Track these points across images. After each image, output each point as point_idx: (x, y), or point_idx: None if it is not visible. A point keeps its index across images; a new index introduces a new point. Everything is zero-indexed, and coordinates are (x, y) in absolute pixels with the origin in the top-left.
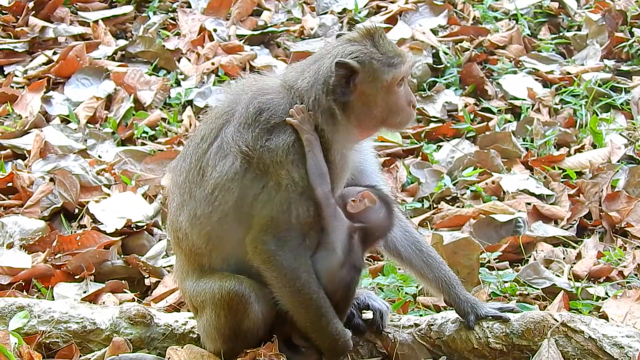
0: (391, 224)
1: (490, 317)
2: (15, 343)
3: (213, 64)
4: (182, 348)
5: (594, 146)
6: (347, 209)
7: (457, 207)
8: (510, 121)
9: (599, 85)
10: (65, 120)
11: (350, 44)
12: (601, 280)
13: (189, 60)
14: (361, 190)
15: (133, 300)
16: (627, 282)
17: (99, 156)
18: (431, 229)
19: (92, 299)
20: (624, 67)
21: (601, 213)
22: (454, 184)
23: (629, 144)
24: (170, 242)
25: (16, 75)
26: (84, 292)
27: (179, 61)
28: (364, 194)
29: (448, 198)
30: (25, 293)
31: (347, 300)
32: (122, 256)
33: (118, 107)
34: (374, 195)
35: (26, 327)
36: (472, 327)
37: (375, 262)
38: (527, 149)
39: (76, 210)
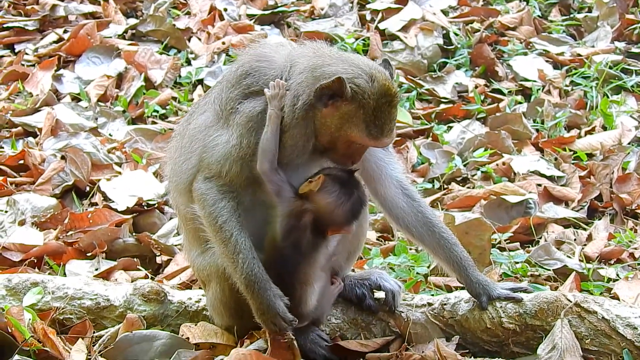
0: (344, 215)
1: (502, 298)
2: (29, 319)
3: (224, 43)
4: (195, 325)
5: (605, 128)
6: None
7: (468, 188)
8: (520, 102)
9: (610, 67)
10: (76, 98)
11: (364, 79)
12: (612, 262)
13: (200, 39)
14: (322, 172)
15: (146, 277)
16: (638, 264)
17: (110, 134)
18: (442, 209)
19: (104, 276)
20: (634, 49)
21: (612, 195)
22: (464, 165)
23: (639, 126)
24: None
25: (27, 54)
26: (96, 270)
27: (189, 40)
28: (320, 178)
29: (459, 179)
30: (37, 270)
31: (286, 281)
32: (133, 234)
33: (129, 85)
34: (327, 179)
35: (40, 303)
36: (484, 308)
37: (387, 242)
38: (537, 130)
39: (87, 188)
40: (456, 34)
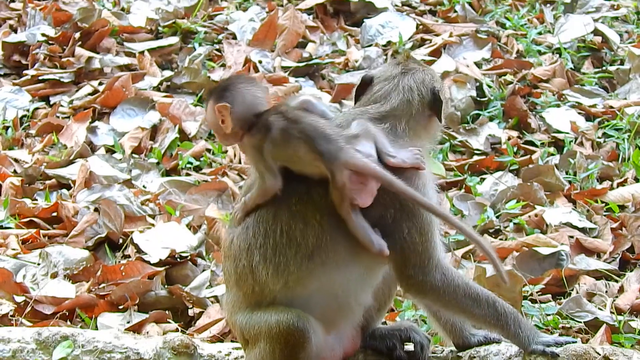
0: None
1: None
2: None
3: None
4: None
5: (637, 180)
6: None
7: (500, 239)
8: (553, 154)
9: None
10: (110, 150)
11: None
12: None
13: None
14: None
15: (177, 330)
16: None
17: (144, 186)
18: (474, 261)
19: (136, 329)
20: None
21: None
22: (497, 217)
23: None
24: (226, 279)
25: (62, 106)
26: (128, 322)
27: None
28: None
29: (491, 230)
30: (68, 323)
31: None
32: (166, 286)
33: (163, 137)
34: None
35: (70, 357)
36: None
37: None
38: (570, 182)
39: (120, 240)
40: (489, 86)
